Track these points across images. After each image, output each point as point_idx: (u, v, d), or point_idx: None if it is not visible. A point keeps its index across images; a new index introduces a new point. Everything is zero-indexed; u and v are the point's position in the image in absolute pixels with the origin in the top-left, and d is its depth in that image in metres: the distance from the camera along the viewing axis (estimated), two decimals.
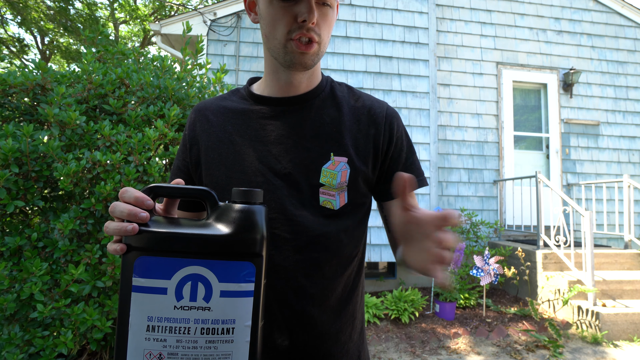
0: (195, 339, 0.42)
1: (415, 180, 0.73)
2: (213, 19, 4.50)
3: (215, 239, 0.43)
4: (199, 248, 0.43)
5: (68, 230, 1.80)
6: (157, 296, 0.42)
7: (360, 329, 0.78)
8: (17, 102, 2.05)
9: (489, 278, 3.53)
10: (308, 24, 0.62)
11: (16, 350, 1.76)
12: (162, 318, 0.42)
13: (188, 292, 0.42)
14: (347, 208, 0.70)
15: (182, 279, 0.42)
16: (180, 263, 0.42)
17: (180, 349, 0.42)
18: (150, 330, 0.42)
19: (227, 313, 0.43)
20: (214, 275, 0.42)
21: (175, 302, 0.42)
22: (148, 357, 0.42)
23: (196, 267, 0.42)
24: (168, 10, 13.76)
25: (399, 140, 0.74)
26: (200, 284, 0.42)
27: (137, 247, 0.43)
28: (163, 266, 0.42)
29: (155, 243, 0.43)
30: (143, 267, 0.42)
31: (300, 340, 0.69)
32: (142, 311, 0.42)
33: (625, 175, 4.29)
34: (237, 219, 0.44)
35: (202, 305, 0.42)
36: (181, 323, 0.42)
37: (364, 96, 0.77)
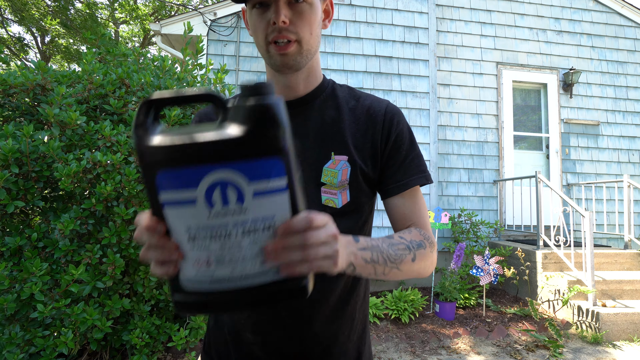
0: (238, 242, 0.41)
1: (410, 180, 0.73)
2: (213, 19, 4.50)
3: (236, 139, 0.39)
4: (220, 152, 0.39)
5: (68, 230, 1.80)
6: (188, 207, 0.40)
7: (362, 330, 0.78)
8: (18, 102, 2.05)
9: (488, 278, 3.53)
10: (278, 24, 0.63)
11: (17, 350, 1.76)
12: (200, 227, 0.40)
13: (219, 198, 0.39)
14: (349, 207, 0.71)
15: (210, 186, 0.39)
16: (204, 170, 0.39)
17: (225, 253, 0.41)
18: (192, 240, 0.41)
19: (264, 211, 0.41)
20: (242, 176, 0.39)
21: (208, 210, 0.40)
22: (197, 264, 0.42)
23: (222, 172, 0.39)
24: (168, 10, 13.76)
25: (398, 137, 0.74)
26: (230, 187, 0.39)
27: (155, 161, 0.40)
28: (187, 176, 0.39)
29: (173, 154, 0.39)
30: (166, 180, 0.39)
31: (298, 339, 0.69)
32: (179, 224, 0.41)
33: (625, 175, 4.29)
34: (254, 114, 0.40)
35: (236, 208, 0.40)
36: (220, 229, 0.40)
37: (364, 96, 0.77)
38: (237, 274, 0.42)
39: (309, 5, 0.66)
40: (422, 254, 0.66)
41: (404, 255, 0.63)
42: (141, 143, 0.40)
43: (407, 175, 0.73)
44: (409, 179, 0.73)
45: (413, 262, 0.64)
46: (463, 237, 4.46)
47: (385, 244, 0.62)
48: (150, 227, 0.41)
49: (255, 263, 0.42)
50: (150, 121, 0.41)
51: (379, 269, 0.59)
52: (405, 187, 0.73)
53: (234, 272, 0.42)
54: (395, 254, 0.62)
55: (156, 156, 0.39)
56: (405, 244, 0.65)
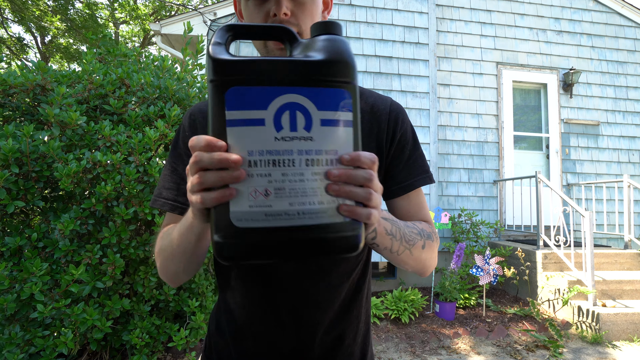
0: (301, 172, 0.39)
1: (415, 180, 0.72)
2: (213, 19, 4.50)
3: (310, 65, 0.40)
4: (294, 74, 0.39)
5: (68, 230, 1.80)
6: (254, 128, 0.39)
7: (365, 330, 0.77)
8: (18, 102, 2.05)
9: (488, 278, 3.53)
10: (279, 16, 0.61)
11: (17, 350, 1.76)
12: (264, 151, 0.39)
13: (287, 122, 0.39)
14: None
15: (279, 109, 0.39)
16: (275, 91, 0.39)
17: (286, 182, 0.39)
18: (253, 166, 0.39)
19: (329, 143, 0.40)
20: (312, 103, 0.39)
21: (275, 132, 0.39)
22: (254, 194, 0.39)
23: (293, 95, 0.39)
24: (168, 10, 13.76)
25: (402, 137, 0.72)
26: (299, 112, 0.39)
27: (228, 77, 0.39)
28: (257, 96, 0.39)
29: (248, 71, 0.39)
30: (235, 98, 0.39)
31: (304, 342, 0.68)
32: (241, 146, 0.39)
33: (625, 175, 4.29)
34: (326, 47, 0.41)
35: (303, 135, 0.39)
36: (284, 155, 0.39)
37: (367, 93, 0.75)
38: (295, 209, 0.40)
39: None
40: (430, 245, 0.66)
41: (417, 239, 0.62)
42: (216, 57, 0.39)
43: (412, 175, 0.71)
44: (413, 180, 0.71)
45: (423, 249, 0.63)
46: (463, 237, 4.46)
47: (402, 223, 0.61)
48: (211, 142, 0.38)
49: (314, 198, 0.40)
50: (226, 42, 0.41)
51: (395, 245, 0.58)
52: (410, 188, 0.71)
53: (292, 206, 0.39)
54: (410, 234, 0.61)
55: (231, 71, 0.39)
56: (417, 230, 0.64)
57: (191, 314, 2.36)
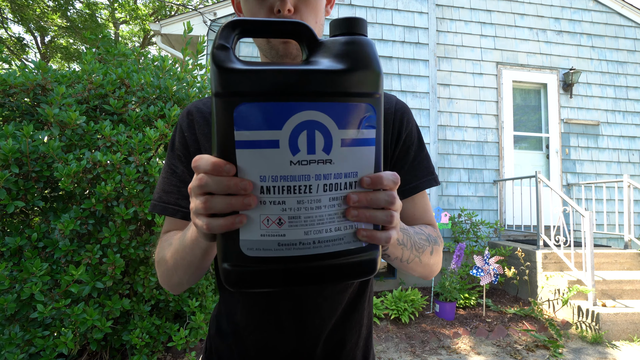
0: (318, 198, 0.36)
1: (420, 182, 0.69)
2: (213, 19, 4.50)
3: (331, 76, 0.34)
4: (313, 87, 0.34)
5: (68, 230, 1.80)
6: (267, 151, 0.34)
7: (367, 334, 0.76)
8: (18, 102, 2.05)
9: (489, 278, 3.53)
10: (283, 12, 0.58)
11: (17, 350, 1.76)
12: (278, 177, 0.35)
13: (305, 143, 0.34)
14: None
15: (295, 128, 0.34)
16: (291, 108, 0.34)
17: (302, 210, 0.36)
18: (265, 192, 0.35)
19: (349, 165, 0.36)
20: (333, 120, 0.35)
21: (291, 156, 0.34)
22: (266, 223, 0.36)
23: (311, 113, 0.34)
24: (168, 10, 13.76)
25: (407, 137, 0.70)
26: (318, 132, 0.34)
27: (237, 91, 0.33)
28: (271, 113, 0.33)
29: (259, 84, 0.33)
30: (246, 116, 0.33)
31: (305, 347, 0.68)
32: (252, 171, 0.34)
33: (625, 175, 4.29)
34: (351, 52, 0.35)
35: (322, 157, 0.35)
36: (301, 180, 0.35)
37: None
38: (311, 238, 0.37)
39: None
40: (437, 250, 0.65)
41: (426, 246, 0.61)
42: (222, 66, 0.33)
43: (417, 177, 0.69)
44: (418, 182, 0.69)
45: (431, 255, 0.62)
46: (463, 237, 4.46)
47: (412, 230, 0.59)
48: (217, 167, 0.33)
49: (331, 226, 0.37)
50: (232, 46, 0.35)
51: (405, 254, 0.56)
52: (416, 190, 0.69)
53: (307, 235, 0.36)
54: (419, 242, 0.59)
55: (240, 85, 0.33)
56: (425, 235, 0.63)
57: (191, 314, 2.37)
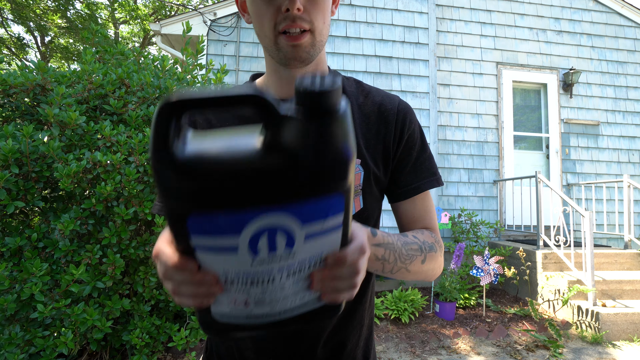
0: (282, 285, 0.36)
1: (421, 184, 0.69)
2: (213, 19, 4.50)
3: (293, 176, 0.29)
4: (272, 190, 0.30)
5: (68, 230, 1.80)
6: (227, 255, 0.33)
7: (368, 334, 0.76)
8: (18, 103, 2.05)
9: (489, 278, 3.53)
10: (292, 12, 0.56)
11: (17, 350, 1.76)
12: (240, 274, 0.34)
13: (265, 246, 0.32)
14: (362, 214, 0.66)
15: (255, 234, 0.31)
16: (249, 215, 0.30)
17: (267, 294, 0.37)
18: (230, 284, 0.35)
19: (314, 251, 0.35)
20: (296, 219, 0.31)
21: (251, 258, 0.33)
22: (234, 303, 0.37)
23: (271, 216, 0.31)
24: (168, 10, 13.76)
25: (410, 138, 0.69)
26: (280, 233, 0.32)
27: (186, 202, 0.30)
28: (227, 222, 0.30)
29: (209, 193, 0.29)
30: (199, 225, 0.31)
31: (306, 348, 0.68)
32: (214, 269, 0.34)
33: (625, 175, 4.29)
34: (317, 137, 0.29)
35: (284, 254, 0.34)
36: (263, 275, 0.35)
37: (374, 91, 0.71)
38: (276, 311, 0.39)
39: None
40: (433, 256, 0.64)
41: (415, 256, 0.61)
42: (162, 175, 0.28)
43: (419, 178, 0.69)
44: (420, 183, 0.69)
45: (422, 264, 0.62)
46: (463, 237, 4.46)
47: (400, 242, 0.59)
48: (180, 266, 0.34)
49: (296, 298, 0.38)
50: (173, 135, 0.28)
51: (387, 267, 0.57)
52: (417, 191, 0.68)
53: (273, 309, 0.38)
54: (407, 253, 0.59)
55: (187, 196, 0.29)
56: (418, 244, 0.62)
57: (191, 314, 2.36)
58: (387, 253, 0.56)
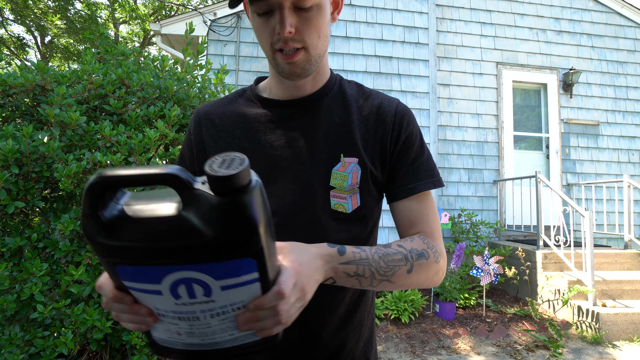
0: (207, 323, 0.41)
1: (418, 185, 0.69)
2: (213, 19, 4.50)
3: (199, 246, 0.34)
4: (183, 254, 0.35)
5: (69, 230, 1.80)
6: (153, 295, 0.39)
7: (369, 335, 0.76)
8: (17, 103, 2.05)
9: (489, 278, 3.53)
10: (283, 35, 0.59)
11: (17, 351, 1.76)
12: (168, 310, 0.40)
13: (185, 292, 0.38)
14: (360, 211, 0.68)
15: (173, 283, 0.37)
16: (165, 270, 0.36)
17: (195, 328, 0.42)
18: (162, 316, 0.41)
19: (234, 299, 0.39)
20: (209, 276, 0.37)
21: (175, 300, 0.38)
22: (169, 332, 0.43)
23: (186, 272, 0.36)
24: (168, 10, 13.76)
25: (407, 139, 0.70)
26: (196, 284, 0.37)
27: (111, 258, 0.36)
28: (147, 273, 0.36)
29: (126, 256, 0.35)
30: (126, 274, 0.37)
31: (307, 347, 0.68)
32: (146, 304, 0.41)
33: (625, 175, 4.29)
34: (224, 217, 0.34)
35: (204, 300, 0.38)
36: (188, 314, 0.40)
37: (374, 94, 0.73)
38: (208, 342, 0.43)
39: (316, 8, 0.61)
40: (422, 264, 0.62)
41: (397, 267, 0.60)
42: (90, 237, 0.35)
43: (415, 179, 0.69)
44: (417, 183, 0.69)
45: (409, 273, 0.60)
46: (463, 237, 4.46)
47: (377, 255, 0.58)
48: (117, 299, 0.40)
49: (225, 334, 0.43)
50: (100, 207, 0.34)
51: (364, 282, 0.57)
52: (412, 191, 0.69)
53: (204, 340, 0.43)
54: (386, 266, 0.58)
55: (108, 253, 0.36)
56: (403, 253, 0.61)
57: None
58: (361, 269, 0.56)
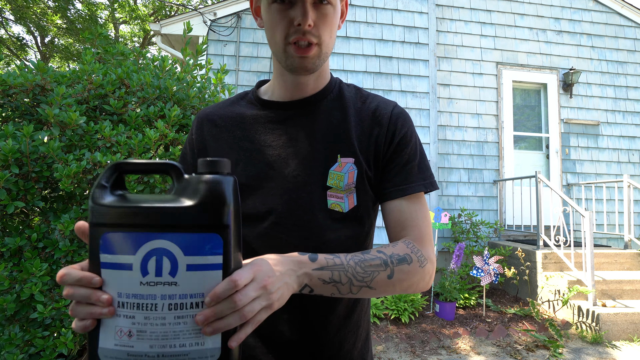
0: (163, 315, 0.42)
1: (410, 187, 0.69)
2: (213, 19, 4.50)
3: (179, 211, 0.42)
4: (162, 221, 0.42)
5: (69, 230, 1.80)
6: (124, 272, 0.42)
7: (365, 336, 0.76)
8: (17, 103, 2.05)
9: (489, 278, 3.53)
10: (303, 27, 0.61)
11: (16, 351, 1.76)
12: (130, 294, 0.42)
13: (153, 267, 0.41)
14: (356, 211, 0.69)
15: (146, 254, 0.41)
16: (144, 237, 0.42)
17: (148, 325, 0.42)
18: (120, 306, 0.42)
19: (195, 287, 0.42)
20: (179, 248, 0.42)
21: (141, 277, 0.41)
22: (119, 334, 0.42)
23: (160, 241, 0.41)
24: (168, 10, 13.76)
25: (402, 140, 0.71)
26: (165, 258, 0.41)
27: (102, 222, 0.42)
28: (128, 241, 0.42)
29: (120, 218, 0.42)
30: (109, 243, 0.42)
31: (304, 347, 0.68)
32: (112, 287, 0.42)
33: (625, 175, 4.29)
34: (202, 189, 0.43)
35: (168, 280, 0.41)
36: (148, 299, 0.42)
37: (371, 97, 0.75)
38: (155, 351, 0.42)
39: (332, 7, 0.64)
40: (404, 270, 0.61)
41: (376, 273, 0.59)
42: (94, 202, 0.43)
43: (407, 180, 0.69)
44: (408, 185, 0.69)
45: (390, 279, 0.59)
46: (463, 237, 4.46)
47: (352, 261, 0.58)
48: (85, 279, 0.41)
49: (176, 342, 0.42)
50: (110, 184, 0.44)
51: (343, 289, 0.56)
52: (403, 192, 0.69)
53: (152, 348, 0.42)
54: (363, 271, 0.58)
55: (104, 216, 0.42)
56: (382, 259, 0.60)
57: None
58: (336, 275, 0.56)
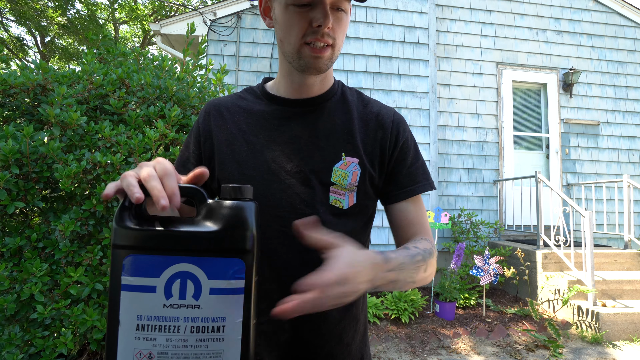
0: (185, 338, 0.42)
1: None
2: (213, 19, 4.50)
3: (204, 236, 0.43)
4: (187, 245, 0.43)
5: (69, 231, 1.80)
6: (146, 294, 0.42)
7: (363, 331, 0.79)
8: (18, 103, 2.04)
9: (488, 278, 3.53)
10: (324, 29, 0.63)
11: (16, 351, 1.76)
12: (152, 317, 0.42)
13: (177, 290, 0.42)
14: (355, 209, 0.72)
15: (171, 277, 0.42)
16: (169, 261, 0.42)
17: (170, 347, 0.42)
18: (140, 329, 0.42)
19: (217, 311, 0.43)
20: (203, 272, 0.42)
21: (165, 300, 0.42)
22: (138, 356, 0.42)
23: (185, 265, 0.42)
24: (168, 10, 13.76)
25: (404, 144, 0.76)
26: (189, 281, 0.42)
27: (126, 245, 0.43)
28: (152, 264, 0.42)
29: (144, 241, 0.43)
30: (132, 265, 0.42)
31: (304, 339, 0.70)
32: (132, 310, 0.42)
33: (625, 175, 4.30)
34: (226, 215, 0.44)
35: (191, 303, 0.42)
36: (171, 322, 0.42)
37: (373, 102, 0.79)
38: None
39: (346, 14, 0.67)
40: (431, 263, 0.67)
41: (420, 267, 0.63)
42: (119, 224, 0.43)
43: (413, 182, 0.75)
44: (415, 186, 0.74)
45: (425, 272, 0.65)
46: (463, 237, 4.46)
47: (407, 259, 0.61)
48: None
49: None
50: (133, 206, 0.45)
51: (397, 286, 0.59)
52: (411, 193, 0.74)
53: None
54: (415, 268, 0.62)
55: (128, 239, 0.43)
56: (422, 254, 0.65)
57: None
58: (401, 275, 0.58)
